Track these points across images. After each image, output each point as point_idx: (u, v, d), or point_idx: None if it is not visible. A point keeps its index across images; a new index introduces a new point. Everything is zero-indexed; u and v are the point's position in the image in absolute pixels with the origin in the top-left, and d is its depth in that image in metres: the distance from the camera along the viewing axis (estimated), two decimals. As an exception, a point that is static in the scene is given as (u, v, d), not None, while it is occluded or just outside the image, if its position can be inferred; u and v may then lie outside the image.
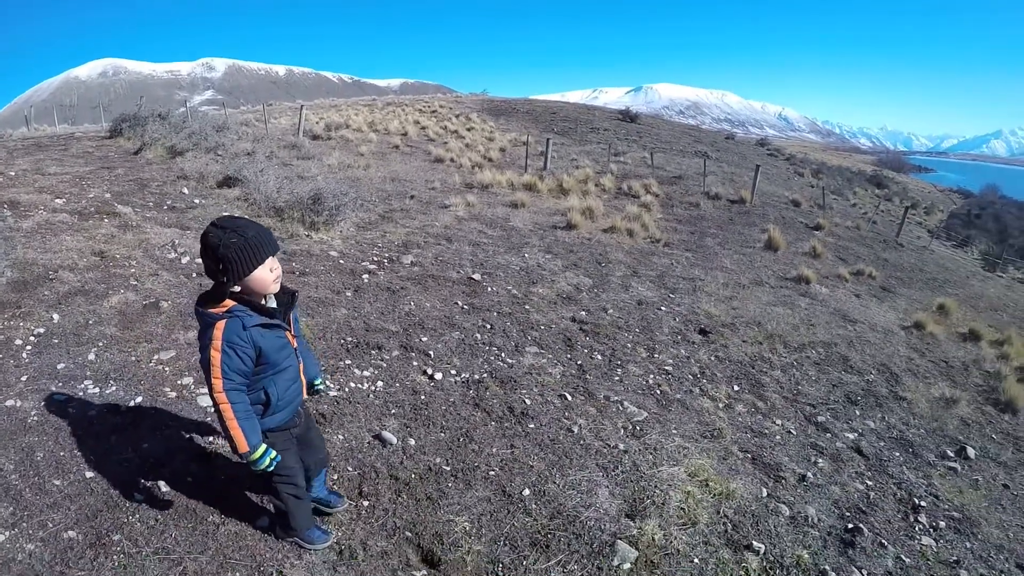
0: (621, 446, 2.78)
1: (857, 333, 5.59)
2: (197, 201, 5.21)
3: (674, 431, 3.07)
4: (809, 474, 3.07)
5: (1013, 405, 4.71)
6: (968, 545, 2.90)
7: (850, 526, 2.74)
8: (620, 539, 2.14)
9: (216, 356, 1.25)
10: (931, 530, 2.96)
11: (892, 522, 2.94)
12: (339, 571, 1.70)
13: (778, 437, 3.37)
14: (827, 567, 2.38)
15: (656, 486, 2.52)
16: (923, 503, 3.16)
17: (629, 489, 2.46)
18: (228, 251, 1.22)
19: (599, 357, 3.75)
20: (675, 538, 2.24)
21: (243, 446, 1.31)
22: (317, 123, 13.63)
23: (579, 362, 3.59)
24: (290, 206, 5.04)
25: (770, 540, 2.42)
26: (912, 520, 3.01)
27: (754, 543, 2.37)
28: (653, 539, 2.18)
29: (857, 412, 4.07)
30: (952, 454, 3.84)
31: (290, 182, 5.67)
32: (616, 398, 3.25)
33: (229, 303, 1.27)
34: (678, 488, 2.53)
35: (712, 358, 4.22)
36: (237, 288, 1.28)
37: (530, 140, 13.61)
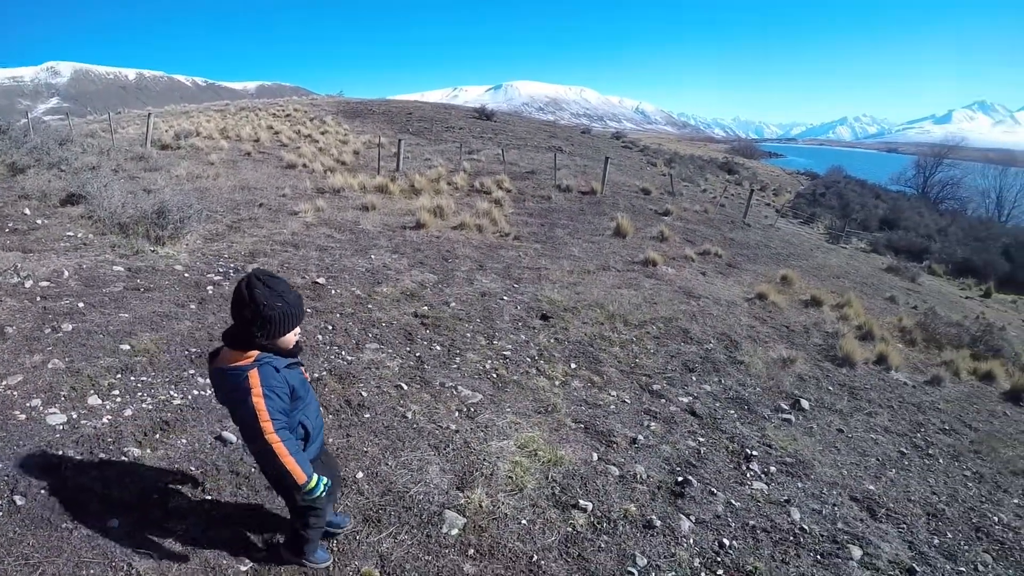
0: (453, 427, 5.28)
1: (700, 307, 10.04)
2: (40, 222, 9.22)
3: (508, 409, 5.76)
4: (640, 437, 5.75)
5: (850, 359, 8.87)
6: (800, 485, 5.57)
7: (680, 479, 5.15)
8: (448, 509, 4.20)
9: (260, 402, 2.58)
10: (762, 476, 5.62)
11: (723, 472, 5.51)
12: (184, 560, 3.44)
13: (612, 407, 6.28)
14: (654, 517, 4.56)
15: (485, 459, 4.86)
16: (755, 453, 5.95)
17: (459, 464, 4.76)
18: (273, 313, 2.59)
19: (438, 348, 6.86)
20: (502, 504, 4.37)
21: (302, 477, 2.70)
22: (166, 131, 23.19)
23: (418, 354, 6.61)
24: (135, 221, 9.09)
25: (598, 498, 4.67)
26: (744, 469, 5.65)
27: (581, 502, 4.55)
28: (480, 506, 4.27)
29: (694, 378, 7.48)
30: (787, 407, 7.15)
31: (135, 196, 10.16)
32: (451, 384, 6.04)
33: (254, 353, 2.64)
34: (507, 459, 4.89)
35: (551, 340, 7.70)
36: (264, 342, 2.69)
37: (384, 142, 24.45)
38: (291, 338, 2.83)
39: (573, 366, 7.05)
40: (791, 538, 4.80)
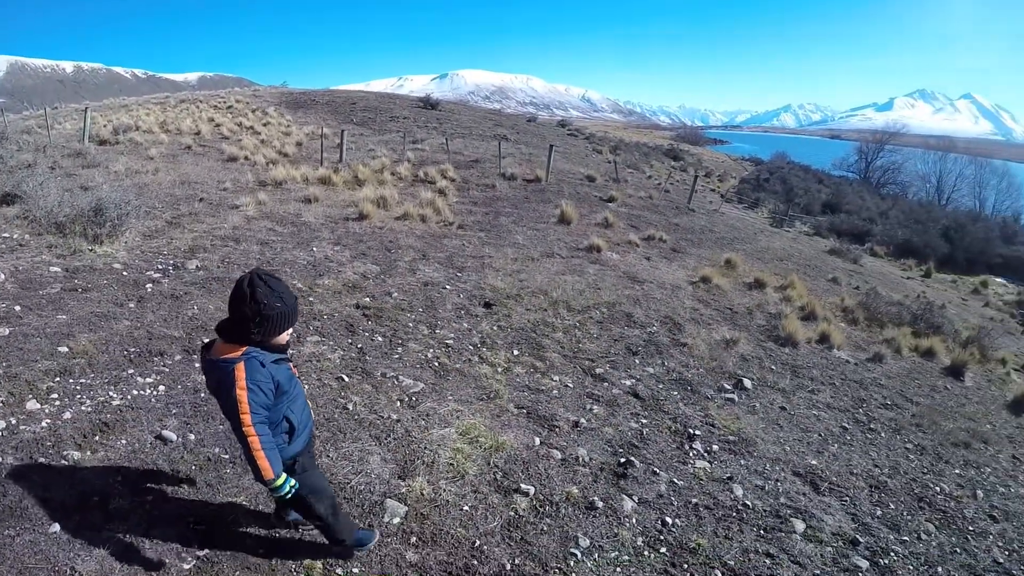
0: (395, 416, 5.41)
1: (644, 292, 10.22)
2: (-26, 224, 9.31)
3: (450, 397, 5.89)
4: (583, 420, 5.90)
5: (793, 339, 9.24)
6: (743, 462, 5.77)
7: (622, 461, 5.26)
8: (390, 498, 4.34)
9: (243, 394, 2.72)
10: (705, 454, 5.76)
11: (666, 452, 5.64)
12: (128, 561, 3.53)
13: (555, 392, 6.43)
14: (596, 498, 4.72)
15: (427, 448, 5.00)
16: (698, 432, 6.08)
17: (400, 453, 4.89)
18: (271, 312, 2.75)
19: (380, 339, 6.98)
20: (444, 491, 4.50)
21: (268, 473, 2.83)
22: (105, 126, 23.58)
23: (360, 345, 6.72)
24: (72, 220, 9.14)
25: (540, 482, 4.82)
26: (687, 448, 5.77)
27: (523, 486, 4.69)
28: (422, 494, 4.42)
29: (637, 361, 7.57)
30: (730, 387, 7.40)
31: (72, 195, 10.40)
32: (393, 374, 6.16)
33: (243, 347, 2.79)
34: (448, 447, 5.03)
35: (494, 328, 7.85)
36: (260, 339, 2.86)
37: (328, 133, 24.64)
38: (284, 336, 3.01)
39: (516, 353, 7.18)
40: (734, 514, 4.91)
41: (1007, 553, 5.50)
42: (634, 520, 4.57)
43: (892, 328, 11.22)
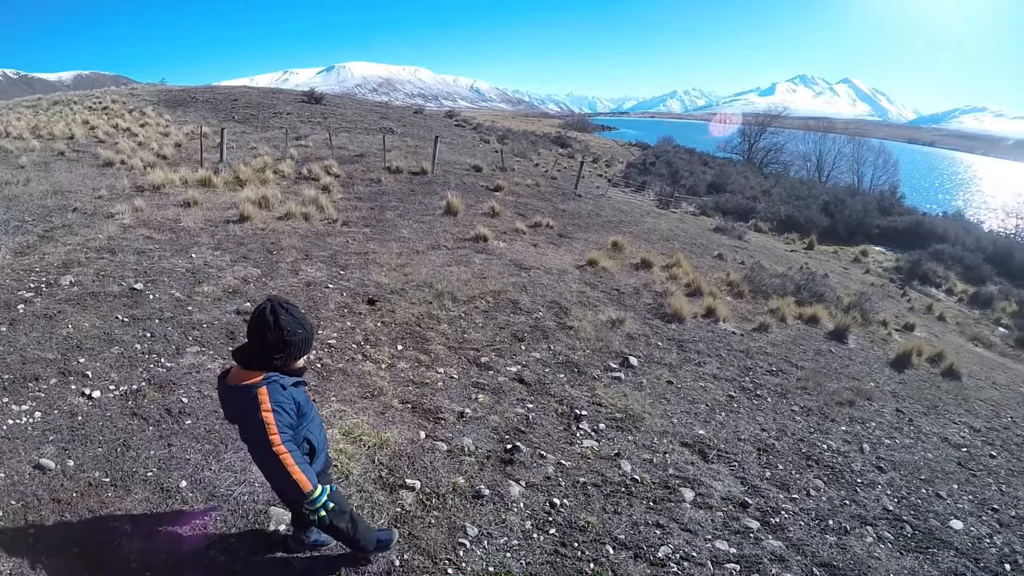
0: None
1: (531, 278, 10.38)
2: None
3: (332, 398, 5.89)
4: (468, 410, 6.01)
5: (679, 315, 9.63)
6: (631, 438, 5.95)
7: (509, 447, 5.33)
8: (274, 506, 4.28)
9: (269, 416, 2.91)
10: (592, 433, 5.88)
11: (552, 435, 5.74)
12: None
13: (440, 384, 6.51)
14: (483, 487, 4.82)
15: None
16: (584, 412, 6.21)
17: None
18: (294, 339, 2.99)
19: None
20: None
21: (307, 485, 2.99)
22: None
23: None
24: None
25: (426, 475, 4.91)
26: (574, 429, 5.88)
27: (409, 481, 4.78)
28: None
29: (523, 347, 7.66)
30: (616, 366, 7.61)
31: None
32: None
33: (263, 373, 2.99)
34: (331, 448, 4.87)
35: (378, 324, 7.88)
36: (281, 364, 3.08)
37: (208, 132, 23.98)
38: (301, 361, 3.23)
39: (400, 348, 7.24)
40: (623, 489, 5.03)
41: (896, 500, 5.89)
42: (522, 504, 4.65)
43: (777, 299, 11.76)
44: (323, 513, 3.15)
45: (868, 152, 62.70)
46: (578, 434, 5.79)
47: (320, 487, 3.13)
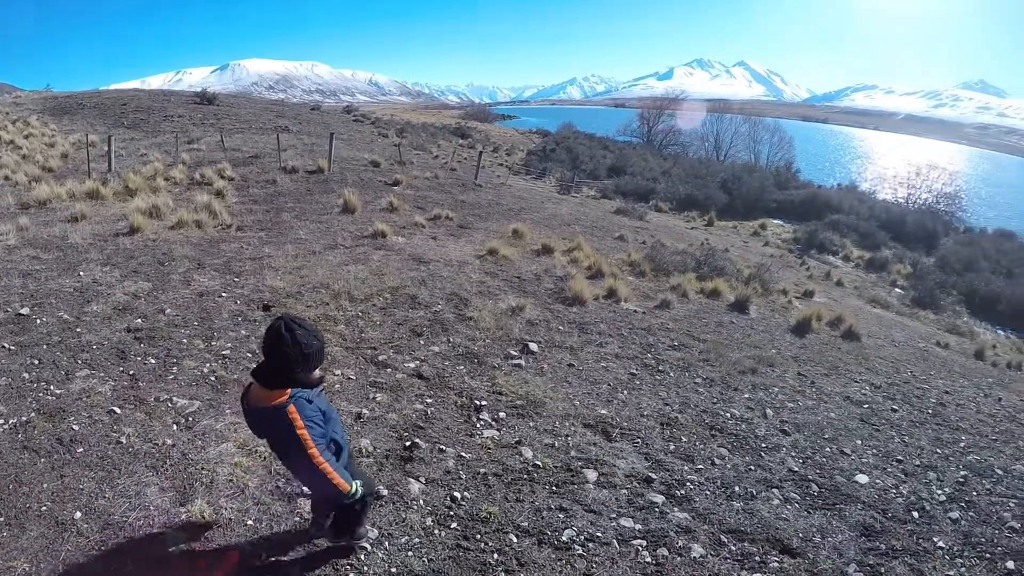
0: (170, 441, 5.24)
1: (430, 272, 10.32)
2: None
3: (228, 411, 5.72)
4: (366, 411, 5.94)
5: (580, 298, 9.76)
6: (532, 424, 5.96)
7: (407, 444, 5.28)
8: (170, 529, 4.22)
9: (304, 433, 3.23)
10: (493, 423, 5.87)
11: (452, 428, 5.71)
12: None
13: (337, 386, 6.40)
14: (381, 487, 4.76)
15: (204, 468, 4.89)
16: (484, 403, 6.18)
17: (178, 479, 4.76)
18: (311, 351, 3.23)
19: (153, 361, 6.68)
20: (225, 509, 4.46)
21: (346, 487, 3.43)
22: None
23: (132, 372, 6.41)
24: None
25: None
26: (474, 420, 5.85)
27: (306, 489, 4.47)
28: (203, 516, 4.32)
29: (421, 342, 7.60)
30: (517, 353, 7.64)
31: None
32: (167, 397, 5.95)
33: (287, 391, 3.24)
34: (227, 463, 4.94)
35: None
36: (304, 377, 3.34)
37: (95, 139, 23.50)
38: (318, 371, 3.41)
39: None
40: (524, 476, 5.03)
41: (801, 461, 6.10)
42: (422, 501, 4.64)
43: (678, 275, 12.04)
44: (359, 496, 3.56)
45: (764, 131, 65.46)
46: (478, 425, 5.78)
47: (354, 482, 3.51)
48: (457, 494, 4.70)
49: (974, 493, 6.16)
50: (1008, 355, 14.89)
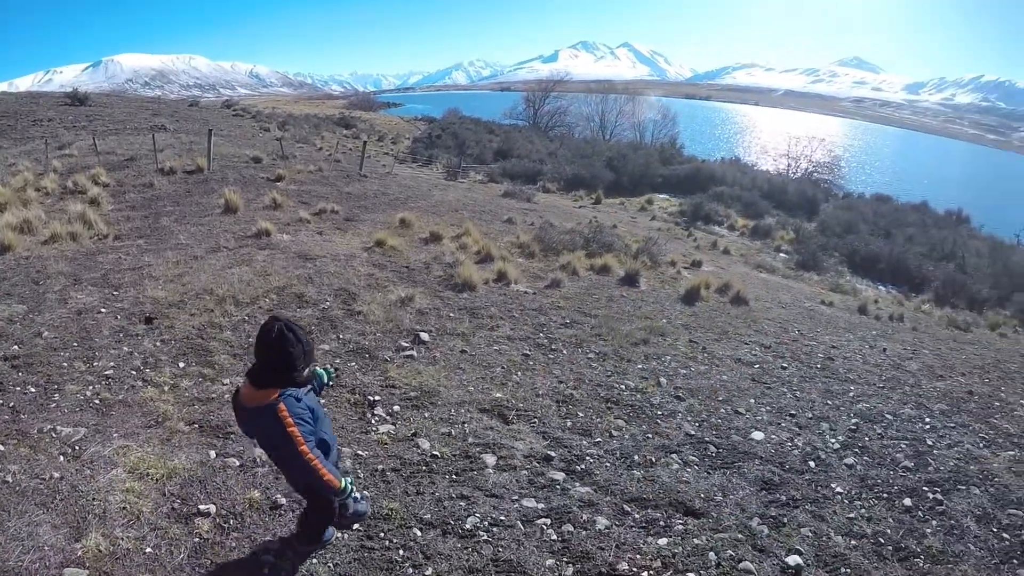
0: (57, 474, 4.90)
1: (317, 268, 10.15)
2: None
3: (115, 434, 5.44)
4: None
5: (470, 283, 9.81)
6: (427, 415, 5.95)
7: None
8: (68, 566, 4.00)
9: (295, 429, 3.39)
10: (388, 418, 5.83)
11: (347, 426, 5.64)
12: None
13: (227, 396, 6.06)
14: (279, 496, 4.69)
15: (95, 498, 4.60)
16: (378, 398, 6.13)
17: (70, 514, 4.47)
18: (309, 347, 3.54)
19: (33, 390, 6.26)
20: (122, 539, 4.24)
21: (337, 484, 3.62)
22: None
23: (11, 404, 5.97)
24: None
25: (220, 497, 4.70)
26: (368, 417, 5.80)
27: (203, 507, 4.53)
28: (99, 550, 4.11)
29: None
30: (408, 344, 7.60)
31: None
32: (50, 427, 5.59)
33: (276, 390, 3.42)
34: (118, 490, 4.67)
35: (157, 344, 7.36)
36: (304, 373, 3.66)
37: None
38: (307, 370, 3.60)
39: (182, 365, 6.83)
40: (423, 468, 5.02)
41: (697, 424, 6.34)
42: None
43: (568, 254, 12.26)
44: (350, 492, 3.75)
45: (648, 109, 67.41)
46: (373, 421, 5.71)
47: (343, 479, 3.66)
48: (356, 494, 4.57)
49: (866, 439, 6.55)
50: (890, 308, 15.87)
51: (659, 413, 6.43)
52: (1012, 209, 54.07)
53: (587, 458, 5.40)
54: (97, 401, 6.00)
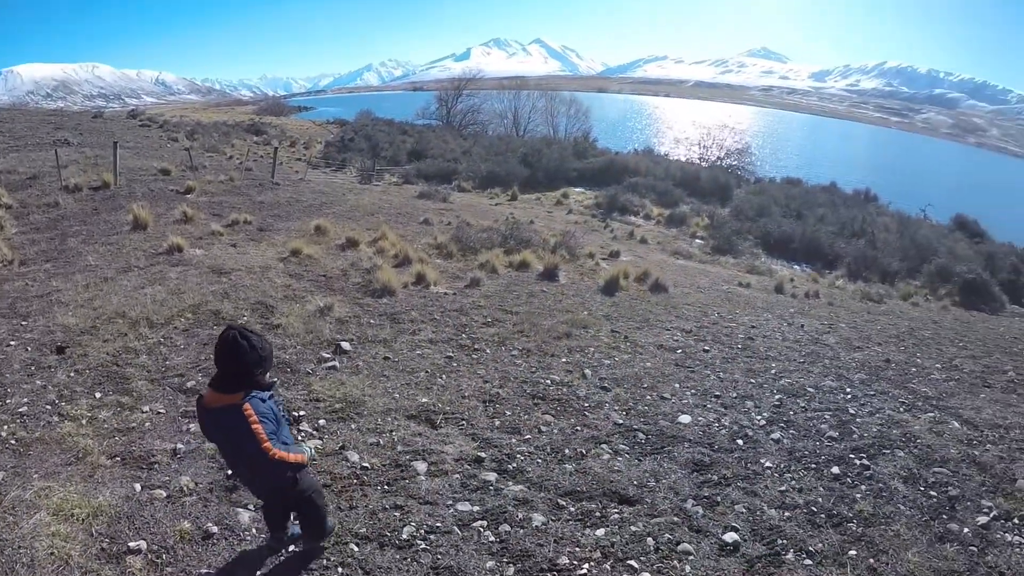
0: None
1: (232, 282, 9.87)
2: None
3: (35, 476, 5.09)
4: (181, 445, 5.55)
5: (389, 288, 9.82)
6: (354, 426, 5.85)
7: (230, 472, 4.91)
8: None
9: (258, 427, 3.49)
10: (314, 433, 5.70)
11: None
12: None
13: (148, 424, 5.96)
14: (210, 524, 4.50)
15: (21, 547, 4.27)
16: (303, 413, 6.00)
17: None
18: (266, 352, 3.66)
19: None
20: None
21: (300, 458, 3.78)
22: None
23: None
24: None
25: (150, 532, 4.49)
26: (294, 434, 5.59)
27: (132, 544, 4.32)
28: None
29: None
30: (329, 355, 7.47)
31: None
32: None
33: (240, 393, 3.53)
34: (43, 536, 4.35)
35: (71, 375, 6.95)
36: (262, 378, 3.75)
37: None
38: (269, 375, 3.75)
39: (99, 395, 6.46)
40: (355, 481, 4.94)
41: (624, 413, 6.43)
42: (254, 530, 4.45)
43: (486, 252, 12.34)
44: (312, 458, 4.19)
45: (561, 104, 68.01)
46: (300, 437, 5.54)
47: (303, 446, 4.04)
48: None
49: (791, 412, 6.78)
50: (805, 286, 16.48)
51: (586, 405, 6.50)
52: (917, 186, 57.34)
53: (518, 456, 5.41)
54: (13, 441, 5.62)
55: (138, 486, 4.93)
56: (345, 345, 7.60)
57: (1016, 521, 4.94)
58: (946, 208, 38.38)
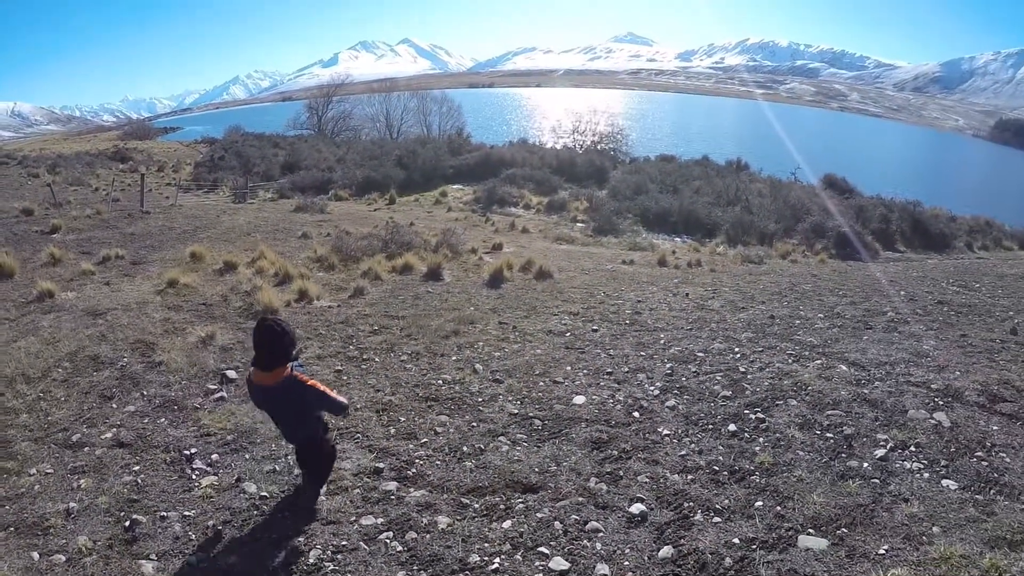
0: None
1: (109, 323, 9.35)
2: None
3: None
4: (73, 504, 5.15)
5: (271, 308, 9.45)
6: (248, 456, 5.70)
7: (127, 524, 4.75)
8: None
9: (314, 382, 4.66)
10: (208, 469, 5.52)
11: (168, 489, 5.25)
12: None
13: (37, 487, 5.45)
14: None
15: None
16: (195, 450, 5.77)
17: None
18: (293, 333, 4.64)
19: None
20: None
21: (345, 402, 4.89)
22: None
23: None
24: None
25: None
26: (188, 472, 5.44)
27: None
28: None
29: (114, 405, 6.81)
30: (216, 386, 7.17)
31: None
32: None
33: (285, 368, 4.49)
34: None
35: None
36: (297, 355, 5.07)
37: None
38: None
39: None
40: (255, 513, 4.85)
41: (519, 402, 6.57)
42: None
43: (367, 260, 12.32)
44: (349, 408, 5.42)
45: (433, 103, 68.16)
46: (194, 476, 5.37)
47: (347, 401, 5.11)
48: (193, 559, 4.40)
49: (683, 379, 7.07)
50: (687, 256, 17.19)
51: (480, 400, 6.59)
52: (786, 152, 60.30)
53: (416, 461, 5.44)
54: None
55: (36, 554, 4.65)
56: (231, 374, 7.37)
57: (913, 449, 5.36)
58: (816, 170, 41.03)
